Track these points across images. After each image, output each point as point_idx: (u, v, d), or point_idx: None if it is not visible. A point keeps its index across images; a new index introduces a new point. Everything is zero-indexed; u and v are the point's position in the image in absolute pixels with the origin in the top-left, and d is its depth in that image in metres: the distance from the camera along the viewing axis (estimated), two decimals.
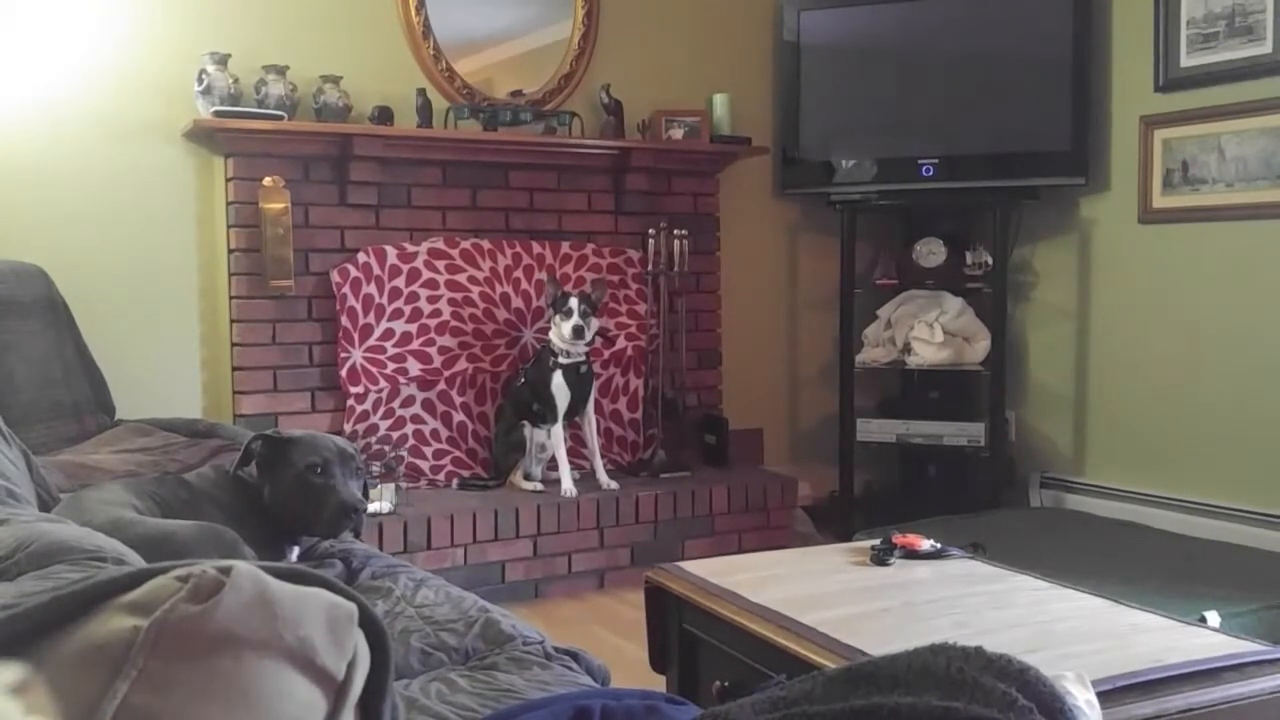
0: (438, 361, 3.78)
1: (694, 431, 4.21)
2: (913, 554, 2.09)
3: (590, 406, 3.75)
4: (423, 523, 3.31)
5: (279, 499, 2.13)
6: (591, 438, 3.78)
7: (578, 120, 3.97)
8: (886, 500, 4.37)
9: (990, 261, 4.08)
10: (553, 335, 3.65)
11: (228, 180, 3.52)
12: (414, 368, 3.75)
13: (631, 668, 2.25)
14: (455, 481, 3.74)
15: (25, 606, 0.74)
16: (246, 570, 0.69)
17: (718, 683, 1.79)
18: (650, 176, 4.11)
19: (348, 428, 3.60)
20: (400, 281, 3.72)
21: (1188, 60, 3.67)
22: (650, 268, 4.06)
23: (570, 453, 3.73)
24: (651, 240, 4.03)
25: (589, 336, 3.62)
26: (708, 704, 1.61)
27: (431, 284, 3.77)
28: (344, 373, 3.62)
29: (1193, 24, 3.65)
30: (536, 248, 3.95)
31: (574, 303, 3.58)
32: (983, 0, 4.04)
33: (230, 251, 3.54)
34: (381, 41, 3.77)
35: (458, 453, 3.82)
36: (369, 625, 0.77)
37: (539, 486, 3.68)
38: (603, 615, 3.34)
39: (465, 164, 3.83)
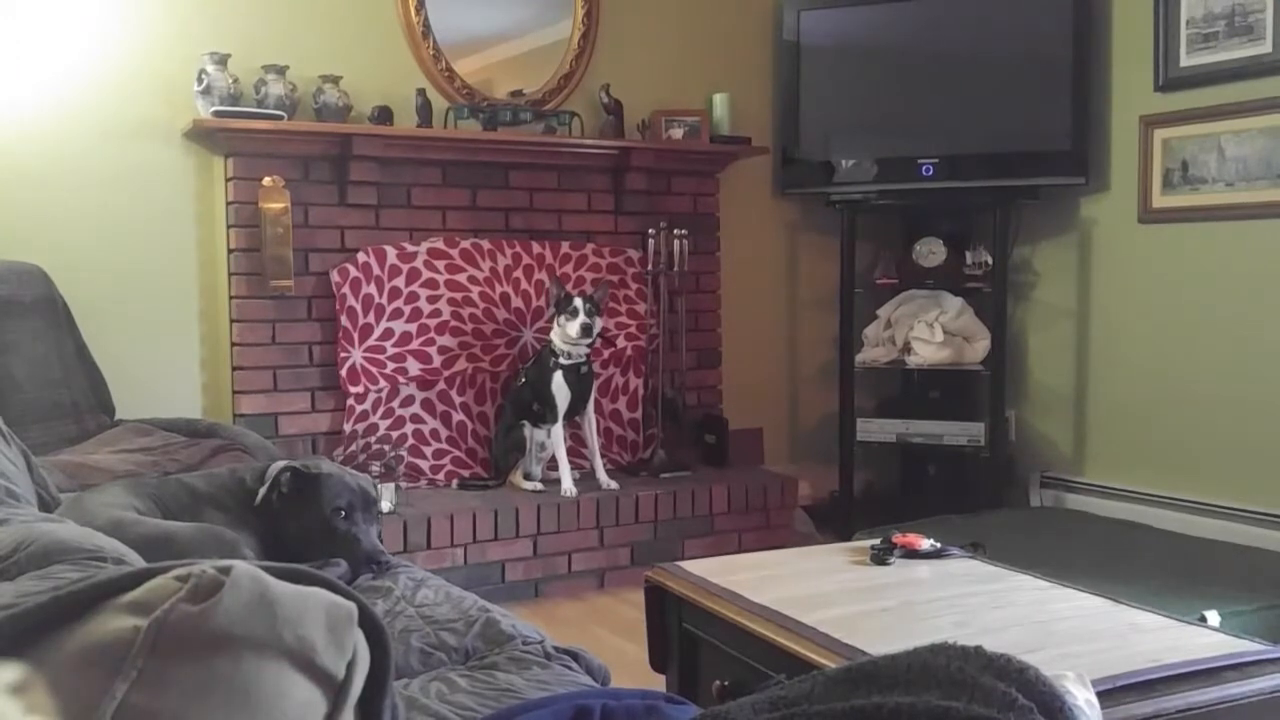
0: (437, 361, 3.78)
1: (694, 431, 4.21)
2: (913, 554, 2.10)
3: (590, 406, 3.75)
4: (423, 523, 3.31)
5: (302, 537, 2.12)
6: (591, 437, 3.78)
7: (578, 120, 3.96)
8: (886, 500, 4.37)
9: (990, 261, 4.08)
10: (554, 335, 3.65)
11: (227, 180, 3.52)
12: (414, 367, 3.75)
13: (631, 668, 2.25)
14: (455, 481, 3.74)
15: (25, 606, 0.73)
16: (246, 570, 0.69)
17: (718, 682, 1.79)
18: (650, 176, 4.11)
19: (348, 427, 3.60)
20: (400, 281, 3.72)
21: (1187, 60, 3.67)
22: (650, 268, 4.07)
23: (570, 452, 3.73)
24: (651, 240, 4.03)
25: (595, 333, 3.63)
26: (708, 704, 1.61)
27: (431, 284, 3.77)
28: (344, 372, 3.62)
29: (1192, 24, 3.64)
30: (536, 248, 3.95)
31: (579, 302, 3.59)
32: (983, 0, 4.04)
33: (230, 251, 3.54)
34: (381, 41, 3.77)
35: (457, 452, 3.82)
36: (369, 625, 0.77)
37: (539, 486, 3.68)
38: (603, 615, 3.34)
39: (465, 164, 3.83)
